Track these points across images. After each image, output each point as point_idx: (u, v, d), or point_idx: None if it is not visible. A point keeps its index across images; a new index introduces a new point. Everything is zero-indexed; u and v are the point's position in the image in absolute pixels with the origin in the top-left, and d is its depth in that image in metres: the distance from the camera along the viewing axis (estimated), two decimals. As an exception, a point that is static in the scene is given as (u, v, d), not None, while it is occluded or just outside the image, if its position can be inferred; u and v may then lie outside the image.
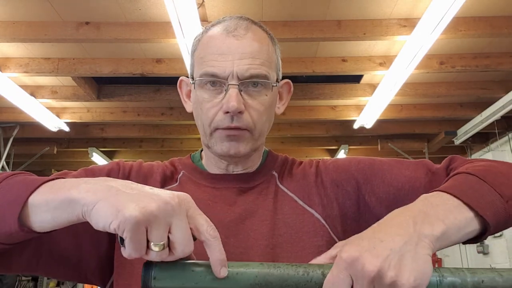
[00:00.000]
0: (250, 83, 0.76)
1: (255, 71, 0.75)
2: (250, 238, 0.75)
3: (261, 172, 0.84)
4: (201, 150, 0.90)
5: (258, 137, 0.79)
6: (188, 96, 0.87)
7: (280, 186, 0.83)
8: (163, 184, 0.82)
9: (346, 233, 0.77)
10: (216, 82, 0.76)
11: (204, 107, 0.78)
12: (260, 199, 0.80)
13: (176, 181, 0.83)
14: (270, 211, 0.78)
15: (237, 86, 0.75)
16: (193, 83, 0.79)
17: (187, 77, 0.87)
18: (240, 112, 0.75)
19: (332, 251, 0.58)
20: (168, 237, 0.51)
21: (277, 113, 0.86)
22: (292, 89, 0.89)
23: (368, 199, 0.78)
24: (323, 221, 0.78)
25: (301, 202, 0.80)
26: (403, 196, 0.76)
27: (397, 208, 0.73)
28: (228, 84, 0.75)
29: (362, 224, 0.77)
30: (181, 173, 0.84)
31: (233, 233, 0.75)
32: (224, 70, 0.75)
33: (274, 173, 0.85)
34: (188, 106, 0.87)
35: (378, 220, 0.75)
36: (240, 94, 0.75)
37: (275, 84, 0.80)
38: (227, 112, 0.75)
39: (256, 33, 0.79)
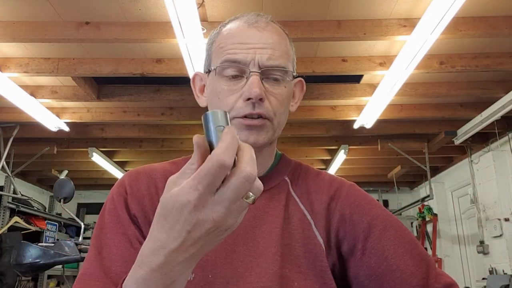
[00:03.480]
0: (270, 73, 0.76)
1: (275, 62, 0.76)
2: (260, 246, 0.73)
3: (273, 176, 0.82)
4: None
5: (277, 127, 0.78)
6: (202, 91, 0.86)
7: (293, 193, 0.81)
8: None
9: (334, 266, 0.75)
10: (237, 71, 0.76)
11: (222, 95, 0.76)
12: (271, 206, 0.78)
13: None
14: (280, 218, 0.76)
15: (258, 73, 0.74)
16: (214, 70, 0.78)
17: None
18: (261, 100, 0.74)
19: None
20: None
21: (291, 111, 0.85)
22: (304, 88, 0.88)
23: (360, 255, 0.75)
24: (323, 246, 0.75)
25: (309, 217, 0.78)
26: (389, 278, 0.73)
27: (378, 283, 0.73)
28: (250, 72, 0.74)
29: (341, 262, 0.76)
30: None
31: (243, 241, 0.73)
32: (246, 57, 0.75)
33: (286, 178, 0.83)
34: (202, 101, 0.86)
35: (354, 276, 0.76)
36: (261, 82, 0.75)
37: (295, 74, 0.80)
38: (249, 99, 0.74)
39: (275, 28, 0.81)
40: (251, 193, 0.48)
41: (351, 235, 0.76)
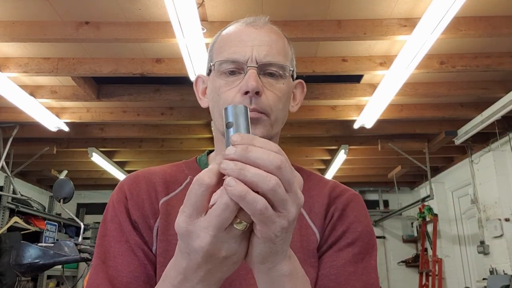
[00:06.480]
0: (267, 69, 0.77)
1: (273, 58, 0.77)
2: None
3: None
4: (207, 153, 0.90)
5: (274, 123, 0.79)
6: (204, 93, 0.88)
7: None
8: (167, 192, 0.80)
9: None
10: (235, 67, 0.77)
11: (221, 91, 0.78)
12: None
13: (181, 185, 0.82)
14: None
15: (256, 68, 0.75)
16: (213, 65, 0.80)
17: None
18: (258, 93, 0.75)
19: None
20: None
21: (291, 111, 0.86)
22: (305, 89, 0.90)
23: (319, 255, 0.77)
24: (317, 237, 0.77)
25: (307, 217, 0.79)
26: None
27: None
28: (247, 67, 0.75)
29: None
30: (188, 178, 0.83)
31: None
32: (244, 55, 0.76)
33: None
34: (203, 102, 0.88)
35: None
36: (259, 77, 0.76)
37: (292, 69, 0.81)
38: (246, 93, 0.75)
39: (273, 28, 0.82)
40: (243, 221, 0.48)
41: (327, 236, 0.78)
